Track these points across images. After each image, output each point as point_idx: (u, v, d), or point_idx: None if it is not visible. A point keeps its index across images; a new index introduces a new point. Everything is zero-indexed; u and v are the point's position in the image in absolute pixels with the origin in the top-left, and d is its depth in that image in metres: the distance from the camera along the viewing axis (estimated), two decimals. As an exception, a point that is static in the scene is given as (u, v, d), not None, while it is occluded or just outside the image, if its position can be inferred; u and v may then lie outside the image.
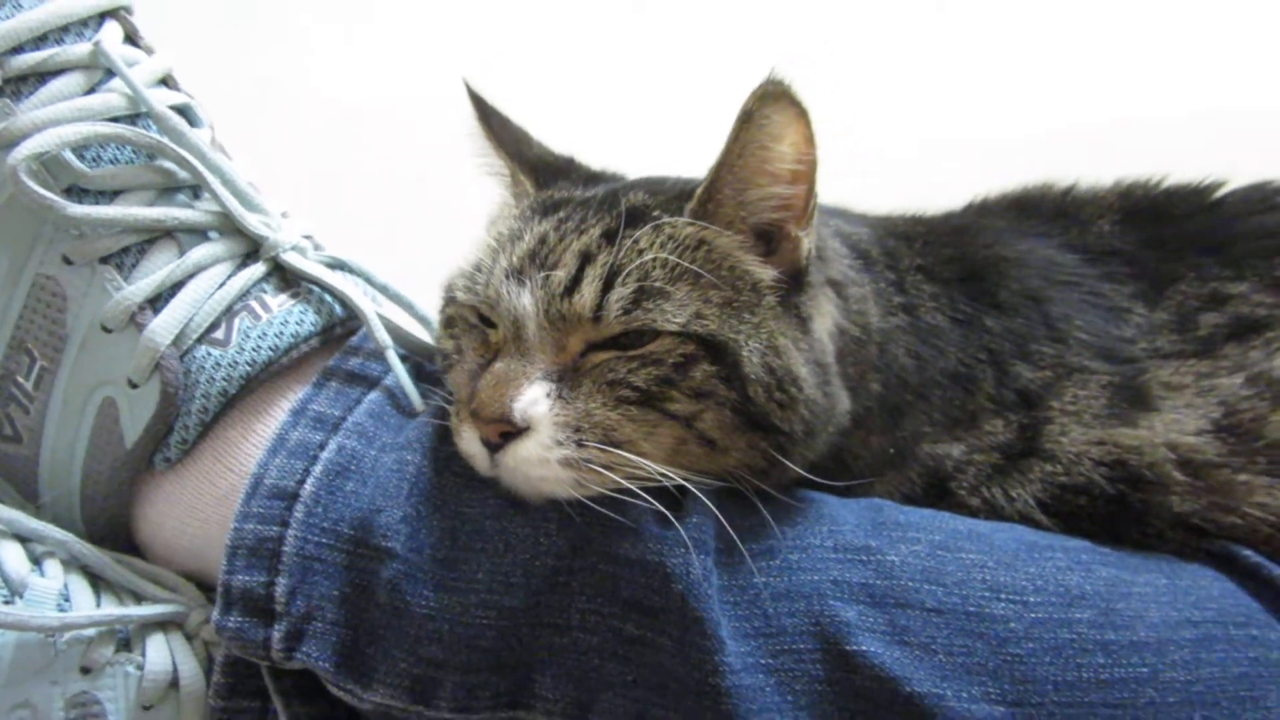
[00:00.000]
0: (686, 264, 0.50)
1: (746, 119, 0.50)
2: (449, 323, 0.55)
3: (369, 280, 0.60)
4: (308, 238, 0.59)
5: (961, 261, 0.62)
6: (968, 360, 0.59)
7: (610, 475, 0.48)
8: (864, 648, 0.48)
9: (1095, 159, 0.72)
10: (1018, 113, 1.17)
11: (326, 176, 1.06)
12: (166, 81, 0.56)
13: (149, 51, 0.56)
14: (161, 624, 0.53)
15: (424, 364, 0.59)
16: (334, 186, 1.06)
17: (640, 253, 0.50)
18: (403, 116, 1.10)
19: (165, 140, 0.53)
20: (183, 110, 0.56)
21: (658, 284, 0.50)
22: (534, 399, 0.49)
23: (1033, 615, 0.49)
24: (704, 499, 0.49)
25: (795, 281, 0.54)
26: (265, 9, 1.19)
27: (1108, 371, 0.59)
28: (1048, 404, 0.58)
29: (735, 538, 0.49)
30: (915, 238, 0.63)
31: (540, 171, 0.59)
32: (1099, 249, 0.64)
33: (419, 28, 1.20)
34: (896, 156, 1.17)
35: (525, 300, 0.50)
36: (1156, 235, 0.64)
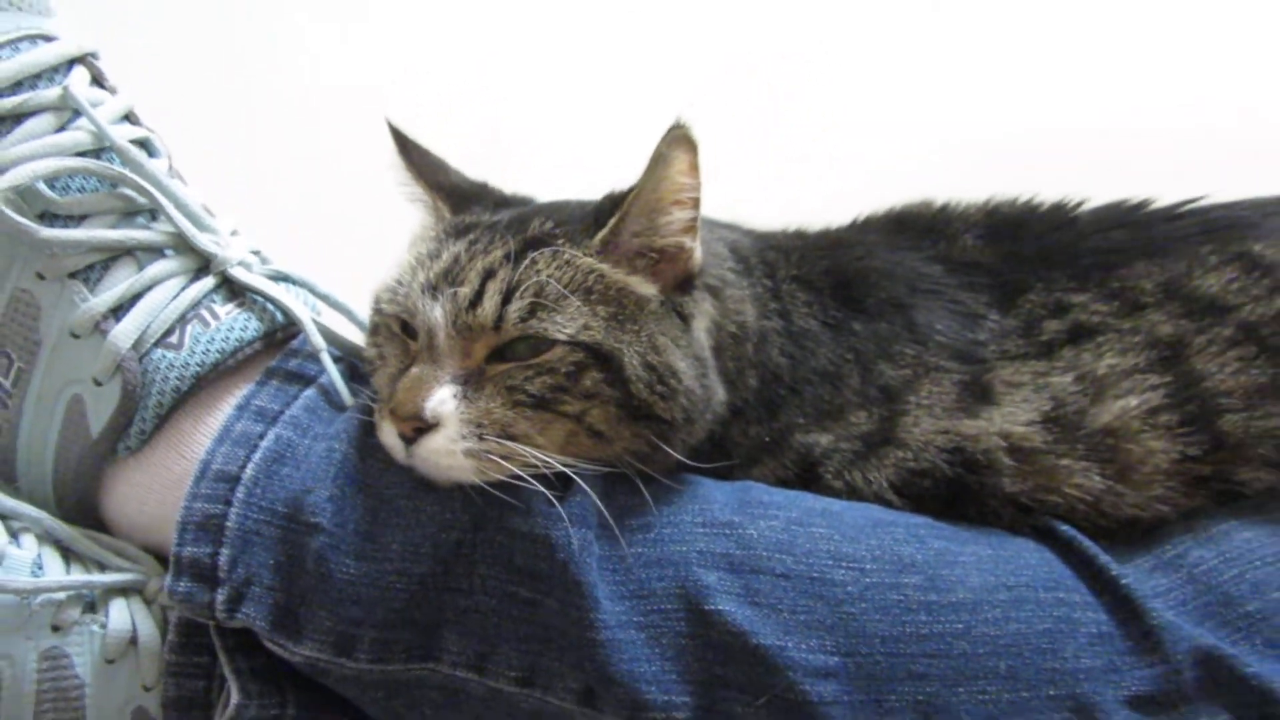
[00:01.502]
0: (578, 284, 0.58)
1: (660, 160, 0.58)
2: (374, 330, 0.63)
3: (312, 290, 0.68)
4: (255, 253, 0.67)
5: (834, 272, 0.69)
6: (836, 360, 0.66)
7: (506, 465, 0.56)
8: (721, 607, 0.55)
9: (1079, 161, 0.76)
10: (1001, 113, 1.22)
11: (314, 183, 1.11)
12: (129, 118, 0.64)
13: (113, 92, 0.64)
14: (123, 590, 0.60)
15: (358, 364, 0.67)
16: (325, 192, 1.11)
17: (538, 272, 0.58)
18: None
19: (126, 171, 0.61)
20: (142, 143, 0.64)
21: (551, 299, 0.57)
22: (442, 399, 0.57)
23: (868, 580, 0.57)
24: (585, 483, 0.57)
25: (683, 285, 0.62)
26: (261, 9, 1.23)
27: (960, 370, 0.65)
28: (905, 399, 0.65)
29: (615, 513, 0.57)
30: (793, 251, 0.70)
31: (455, 197, 0.66)
32: (962, 261, 0.70)
33: (416, 33, 1.24)
34: (880, 154, 1.22)
35: (437, 313, 0.58)
36: (1014, 249, 0.71)
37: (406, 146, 0.67)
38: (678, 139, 0.56)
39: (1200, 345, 0.64)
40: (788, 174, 1.25)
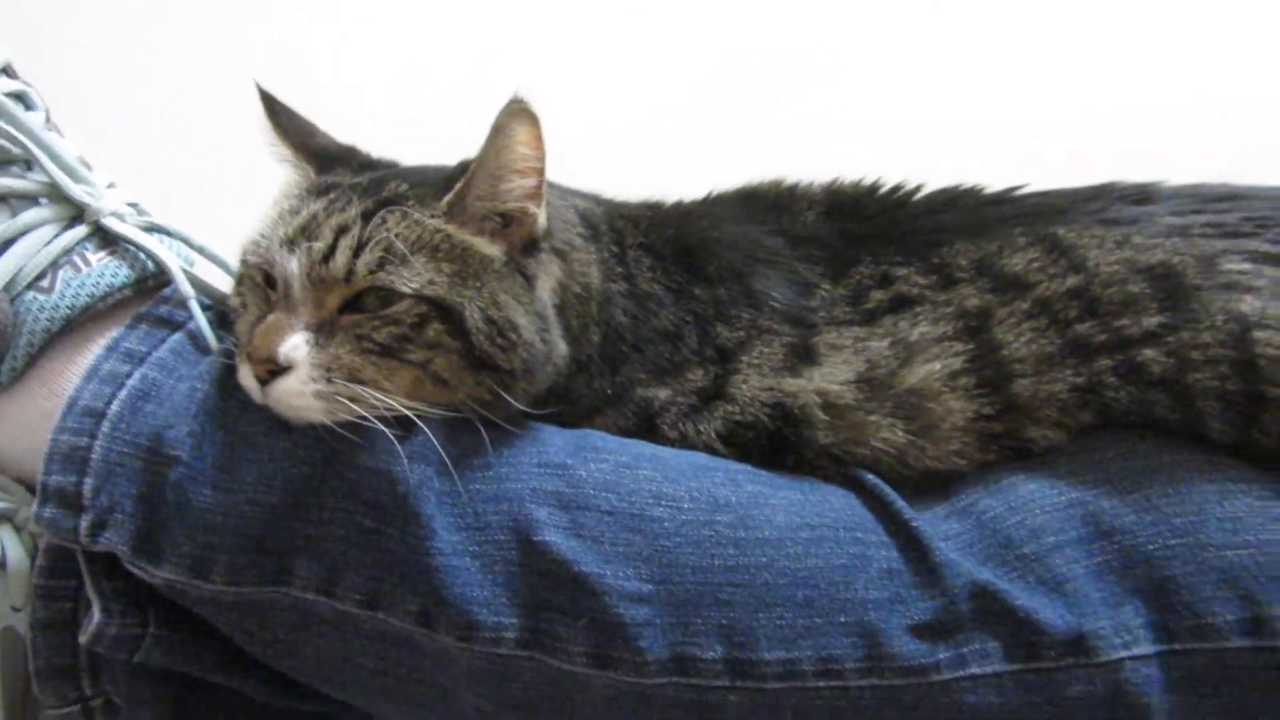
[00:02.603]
0: (425, 243, 0.63)
1: (499, 130, 0.63)
2: (239, 280, 0.67)
3: (187, 242, 0.72)
4: (132, 205, 0.70)
5: (679, 240, 0.74)
6: (677, 321, 0.72)
7: (354, 407, 0.61)
8: (548, 539, 0.60)
9: (1066, 165, 0.78)
10: (992, 116, 1.25)
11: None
12: (6, 71, 0.68)
13: (-11, 48, 0.68)
14: (-7, 517, 0.65)
15: (227, 312, 0.71)
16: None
17: (387, 230, 0.63)
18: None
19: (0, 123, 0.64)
20: (20, 96, 0.67)
21: (398, 255, 0.62)
22: (295, 345, 0.61)
23: (683, 518, 0.62)
24: (431, 426, 0.62)
25: (529, 248, 0.67)
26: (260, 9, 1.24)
27: (790, 334, 0.71)
28: (739, 358, 0.70)
29: (458, 453, 0.62)
30: (642, 220, 0.76)
31: (320, 158, 0.71)
32: (801, 235, 0.76)
33: (416, 33, 1.25)
34: (871, 155, 1.24)
35: (293, 265, 0.63)
36: (850, 226, 0.76)
37: (275, 109, 0.71)
38: (516, 111, 0.62)
39: (1001, 317, 0.70)
40: (779, 173, 1.28)
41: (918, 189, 0.79)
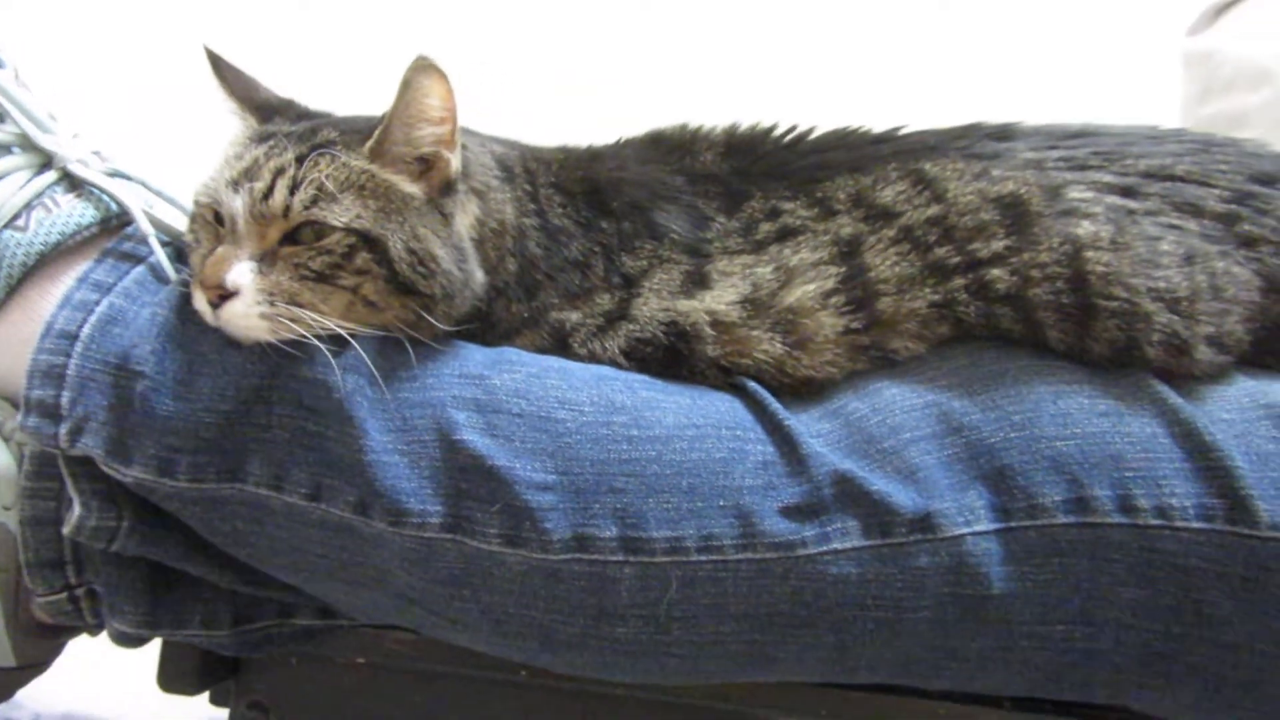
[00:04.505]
0: (352, 182, 0.72)
1: (407, 84, 0.71)
2: (193, 219, 0.76)
3: (145, 185, 0.80)
4: (96, 153, 0.79)
5: (588, 180, 0.82)
6: (585, 252, 0.80)
7: (295, 326, 0.70)
8: (465, 438, 0.69)
9: None
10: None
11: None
12: (-23, 34, 0.76)
13: (-37, 12, 0.75)
14: (-17, 428, 0.74)
15: (183, 246, 0.79)
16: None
17: (319, 171, 0.71)
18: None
19: (-27, 81, 0.73)
20: (-10, 57, 0.76)
21: (329, 193, 0.71)
22: (241, 272, 0.70)
23: (584, 419, 0.70)
24: (363, 344, 0.70)
25: (446, 189, 0.76)
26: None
27: (687, 262, 0.79)
28: (641, 284, 0.78)
29: (388, 366, 0.71)
30: (554, 162, 0.84)
31: (262, 110, 0.79)
32: (701, 174, 0.83)
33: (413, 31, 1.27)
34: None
35: (238, 203, 0.71)
36: (745, 165, 0.83)
37: (220, 66, 0.79)
38: (421, 68, 0.70)
39: (871, 243, 0.78)
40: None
41: (810, 131, 0.87)
